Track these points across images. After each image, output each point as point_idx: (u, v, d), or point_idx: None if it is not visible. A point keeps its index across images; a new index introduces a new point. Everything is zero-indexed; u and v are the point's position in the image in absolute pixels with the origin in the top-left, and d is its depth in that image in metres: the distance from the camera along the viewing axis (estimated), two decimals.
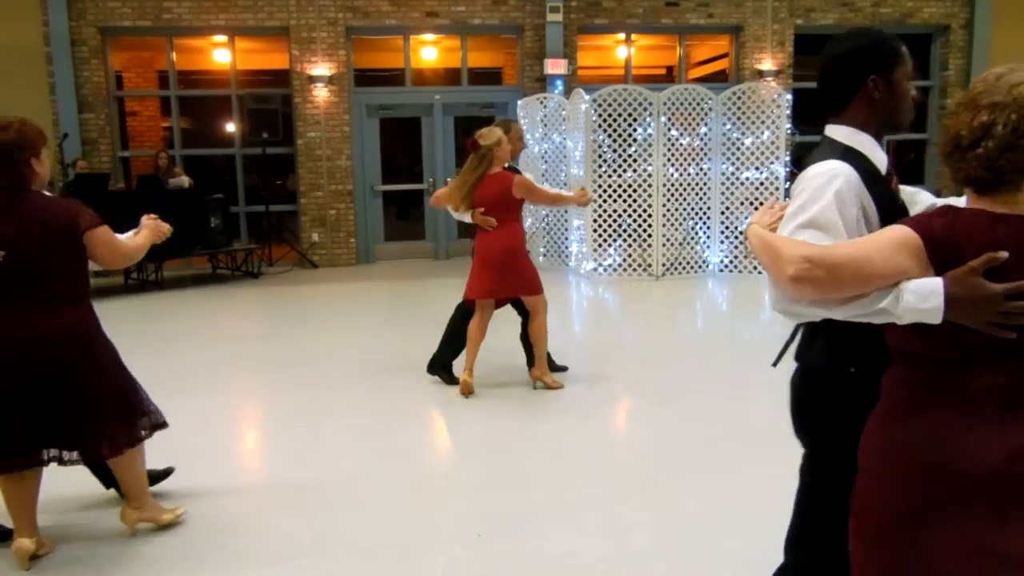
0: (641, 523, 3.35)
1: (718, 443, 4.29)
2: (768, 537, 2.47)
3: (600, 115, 9.63)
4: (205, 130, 12.43)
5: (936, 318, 1.56)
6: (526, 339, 5.48)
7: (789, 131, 10.09)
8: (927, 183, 13.16)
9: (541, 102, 10.83)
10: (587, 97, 9.62)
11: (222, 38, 11.66)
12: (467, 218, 5.32)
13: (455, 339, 5.50)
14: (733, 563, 3.01)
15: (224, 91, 11.83)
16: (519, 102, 11.14)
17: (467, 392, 5.18)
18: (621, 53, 12.50)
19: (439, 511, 3.54)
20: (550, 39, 11.48)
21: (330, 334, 7.45)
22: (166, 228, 3.43)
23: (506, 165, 5.41)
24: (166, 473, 3.74)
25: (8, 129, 2.93)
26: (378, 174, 11.99)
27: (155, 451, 3.45)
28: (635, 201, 9.71)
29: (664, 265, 9.83)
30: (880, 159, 1.93)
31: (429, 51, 12.49)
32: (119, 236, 3.24)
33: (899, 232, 1.63)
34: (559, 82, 11.44)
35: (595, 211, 9.71)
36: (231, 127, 11.94)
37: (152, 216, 3.43)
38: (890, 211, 1.86)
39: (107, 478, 3.47)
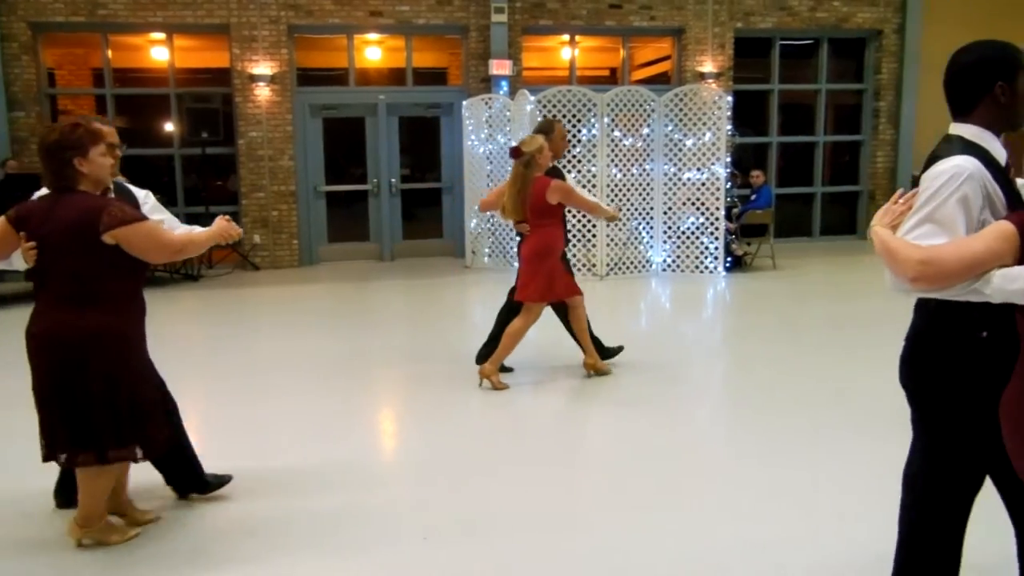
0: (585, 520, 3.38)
1: (692, 442, 4.35)
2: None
3: (545, 116, 9.68)
4: (142, 130, 12.12)
5: (1022, 299, 1.88)
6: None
7: (730, 132, 10.28)
8: (861, 183, 13.53)
9: (486, 103, 10.84)
10: (532, 98, 9.67)
11: (160, 35, 11.41)
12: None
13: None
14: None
15: (162, 90, 11.58)
16: (464, 102, 11.14)
17: (496, 383, 5.26)
18: (565, 54, 12.58)
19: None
20: (495, 40, 11.50)
21: (274, 337, 7.35)
22: (236, 232, 3.38)
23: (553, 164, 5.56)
24: (222, 481, 3.70)
25: (54, 131, 3.01)
26: (321, 175, 11.86)
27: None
28: None
29: (608, 265, 9.93)
30: (1001, 154, 2.17)
31: (373, 51, 12.41)
32: (179, 229, 3.26)
33: (1002, 226, 1.94)
34: (504, 83, 11.47)
35: None
36: (169, 127, 11.69)
37: (226, 216, 3.42)
38: (1013, 198, 2.11)
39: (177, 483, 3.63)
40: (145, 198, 3.66)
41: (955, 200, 2.00)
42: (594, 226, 9.81)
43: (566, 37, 12.42)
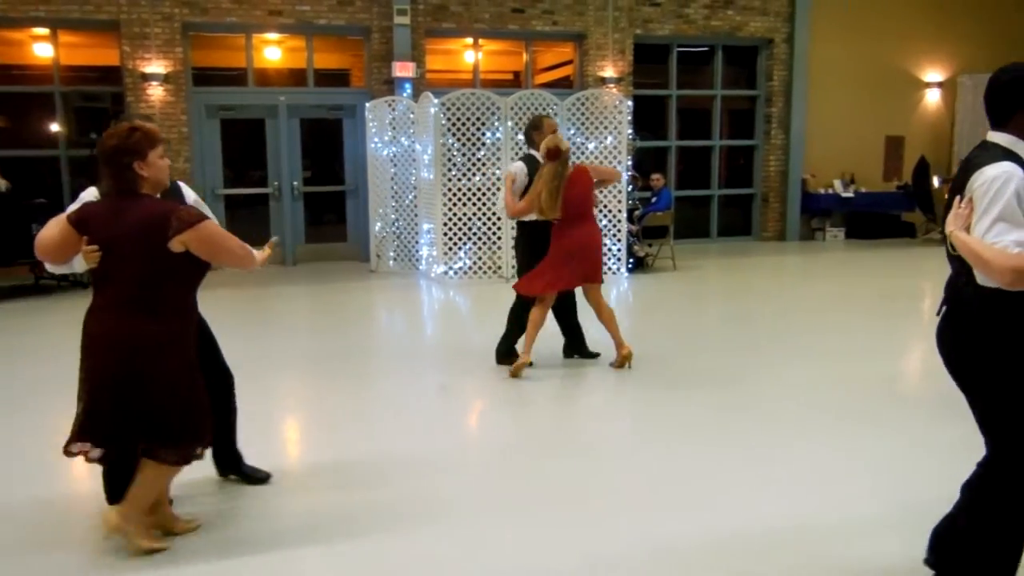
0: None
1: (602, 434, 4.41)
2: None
3: (449, 119, 9.69)
4: (24, 130, 11.52)
5: None
6: (568, 324, 5.96)
7: (630, 136, 10.50)
8: (755, 186, 14.04)
9: (389, 105, 10.76)
10: (436, 101, 9.65)
11: (43, 31, 10.87)
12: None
13: (519, 327, 5.77)
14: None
15: (46, 88, 11.02)
16: (367, 105, 11.03)
17: (518, 373, 5.52)
18: (469, 57, 12.61)
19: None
20: (398, 42, 11.43)
21: None
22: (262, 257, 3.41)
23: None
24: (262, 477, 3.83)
25: (112, 136, 3.03)
26: (220, 177, 11.52)
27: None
28: (484, 204, 9.82)
29: (514, 267, 9.98)
30: None
31: (273, 51, 12.14)
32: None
33: None
34: (407, 85, 11.40)
35: (445, 214, 9.75)
36: (55, 127, 11.14)
37: (276, 239, 3.54)
38: None
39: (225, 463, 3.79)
40: (196, 201, 3.68)
41: (1011, 197, 2.34)
42: (499, 228, 9.87)
43: (470, 40, 12.45)
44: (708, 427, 4.62)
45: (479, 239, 9.97)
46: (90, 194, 3.40)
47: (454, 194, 9.77)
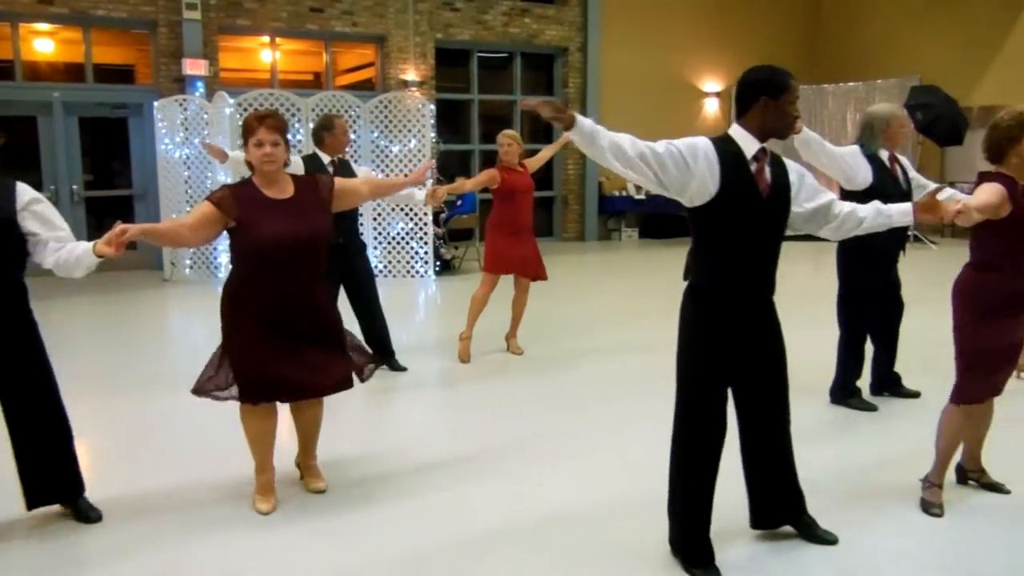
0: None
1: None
2: None
3: (244, 116, 9.30)
4: None
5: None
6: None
7: (434, 140, 10.58)
8: (555, 189, 14.57)
9: (181, 104, 10.19)
10: (231, 101, 9.26)
11: None
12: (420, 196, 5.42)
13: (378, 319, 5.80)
14: None
15: None
16: (155, 103, 10.38)
17: (466, 358, 6.08)
18: (266, 56, 12.19)
19: None
20: (187, 38, 10.84)
21: None
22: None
23: (337, 158, 5.73)
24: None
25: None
26: None
27: None
28: None
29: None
30: None
31: (44, 42, 11.14)
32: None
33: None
34: (200, 84, 10.85)
35: None
36: None
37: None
38: None
39: None
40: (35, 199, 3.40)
41: (671, 145, 2.88)
42: None
43: (266, 39, 12.04)
44: (520, 418, 4.75)
45: None
46: None
47: None
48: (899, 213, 3.11)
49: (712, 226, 2.85)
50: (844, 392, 4.91)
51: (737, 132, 2.90)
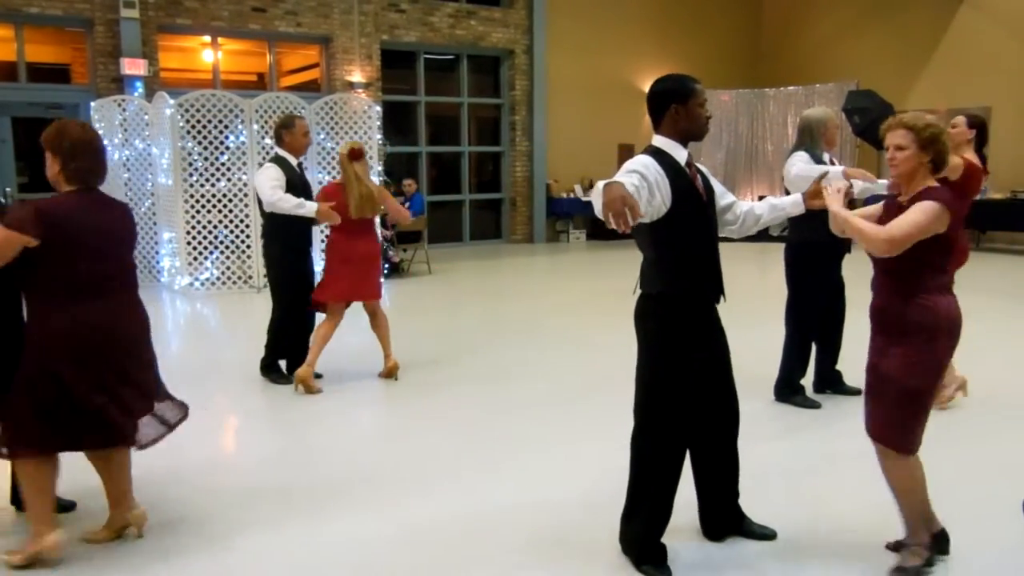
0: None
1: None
2: None
3: (188, 121, 9.13)
4: None
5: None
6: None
7: (380, 142, 10.50)
8: (503, 191, 14.59)
9: (119, 105, 9.94)
10: (171, 101, 9.06)
11: None
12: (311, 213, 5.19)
13: (280, 341, 5.58)
14: None
15: None
16: (92, 104, 10.11)
17: (310, 388, 5.29)
18: (208, 57, 11.96)
19: None
20: (125, 37, 10.58)
21: None
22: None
23: (302, 160, 5.61)
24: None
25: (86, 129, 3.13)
26: None
27: None
28: (231, 211, 9.37)
29: (266, 276, 9.61)
30: None
31: None
32: None
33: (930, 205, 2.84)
34: (138, 84, 10.60)
35: (188, 222, 9.18)
36: None
37: None
38: None
39: None
40: None
41: (624, 174, 2.82)
42: (248, 236, 9.45)
43: (207, 38, 11.81)
44: (473, 422, 4.74)
45: (227, 248, 9.49)
46: None
47: (196, 201, 9.22)
48: (791, 204, 3.24)
49: (668, 237, 2.90)
50: (789, 390, 5.00)
51: (663, 142, 2.95)
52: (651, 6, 15.22)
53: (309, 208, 5.23)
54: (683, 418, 2.96)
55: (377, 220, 10.07)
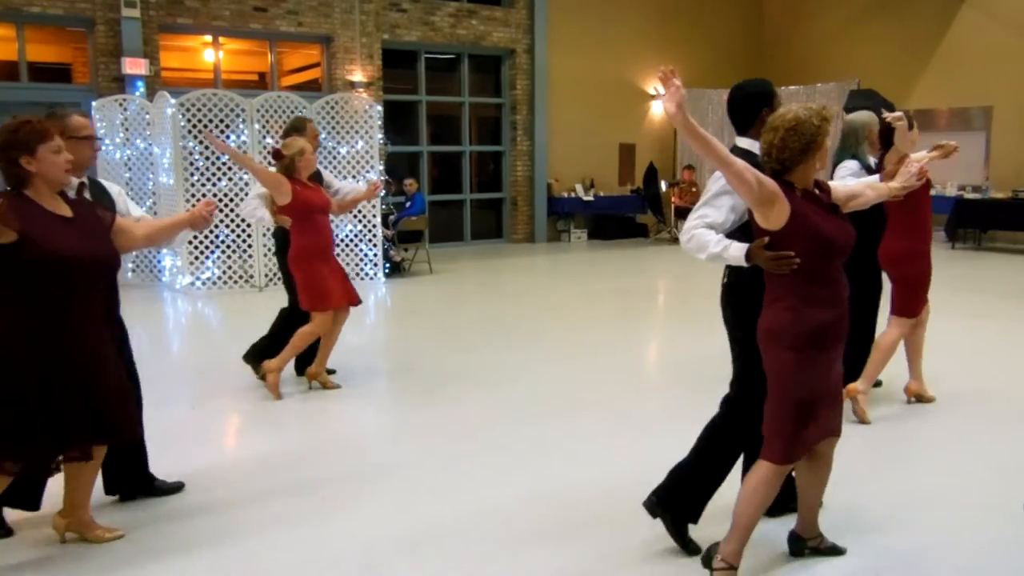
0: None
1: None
2: None
3: (189, 120, 9.13)
4: None
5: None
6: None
7: (382, 141, 10.50)
8: (504, 190, 14.59)
9: (120, 104, 9.94)
10: (173, 101, 9.06)
11: None
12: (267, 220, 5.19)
13: (279, 339, 5.34)
14: None
15: None
16: (93, 103, 10.10)
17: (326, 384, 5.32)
18: (209, 56, 11.96)
19: None
20: (126, 36, 10.58)
21: None
22: None
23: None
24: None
25: (3, 131, 2.92)
26: None
27: None
28: (232, 211, 9.37)
29: (267, 276, 9.62)
30: None
31: None
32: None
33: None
34: (140, 83, 10.60)
35: None
36: None
37: None
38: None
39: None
40: (118, 195, 3.76)
41: (720, 187, 2.89)
42: (249, 236, 9.45)
43: (209, 38, 11.81)
44: (475, 422, 4.74)
45: (228, 247, 9.49)
46: None
47: (198, 200, 9.18)
48: (735, 251, 2.77)
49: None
50: None
51: (750, 144, 2.94)
52: (653, 6, 15.21)
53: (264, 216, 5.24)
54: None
55: (378, 219, 10.13)
